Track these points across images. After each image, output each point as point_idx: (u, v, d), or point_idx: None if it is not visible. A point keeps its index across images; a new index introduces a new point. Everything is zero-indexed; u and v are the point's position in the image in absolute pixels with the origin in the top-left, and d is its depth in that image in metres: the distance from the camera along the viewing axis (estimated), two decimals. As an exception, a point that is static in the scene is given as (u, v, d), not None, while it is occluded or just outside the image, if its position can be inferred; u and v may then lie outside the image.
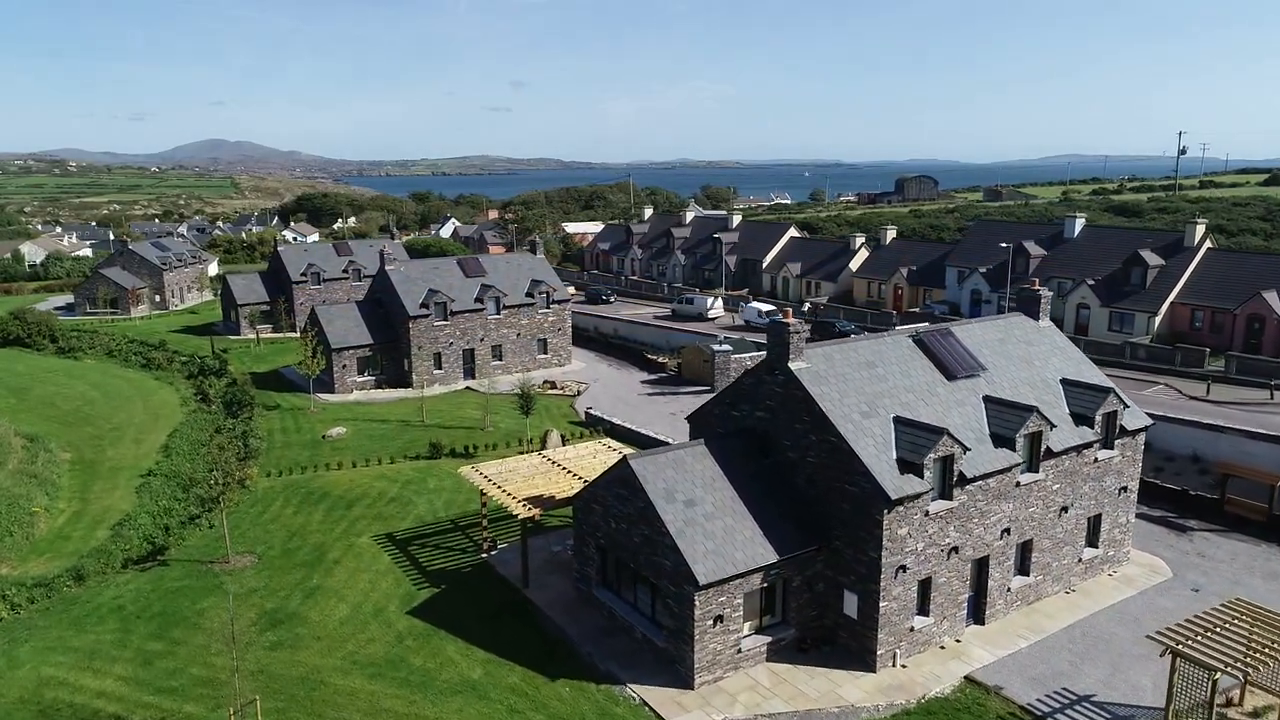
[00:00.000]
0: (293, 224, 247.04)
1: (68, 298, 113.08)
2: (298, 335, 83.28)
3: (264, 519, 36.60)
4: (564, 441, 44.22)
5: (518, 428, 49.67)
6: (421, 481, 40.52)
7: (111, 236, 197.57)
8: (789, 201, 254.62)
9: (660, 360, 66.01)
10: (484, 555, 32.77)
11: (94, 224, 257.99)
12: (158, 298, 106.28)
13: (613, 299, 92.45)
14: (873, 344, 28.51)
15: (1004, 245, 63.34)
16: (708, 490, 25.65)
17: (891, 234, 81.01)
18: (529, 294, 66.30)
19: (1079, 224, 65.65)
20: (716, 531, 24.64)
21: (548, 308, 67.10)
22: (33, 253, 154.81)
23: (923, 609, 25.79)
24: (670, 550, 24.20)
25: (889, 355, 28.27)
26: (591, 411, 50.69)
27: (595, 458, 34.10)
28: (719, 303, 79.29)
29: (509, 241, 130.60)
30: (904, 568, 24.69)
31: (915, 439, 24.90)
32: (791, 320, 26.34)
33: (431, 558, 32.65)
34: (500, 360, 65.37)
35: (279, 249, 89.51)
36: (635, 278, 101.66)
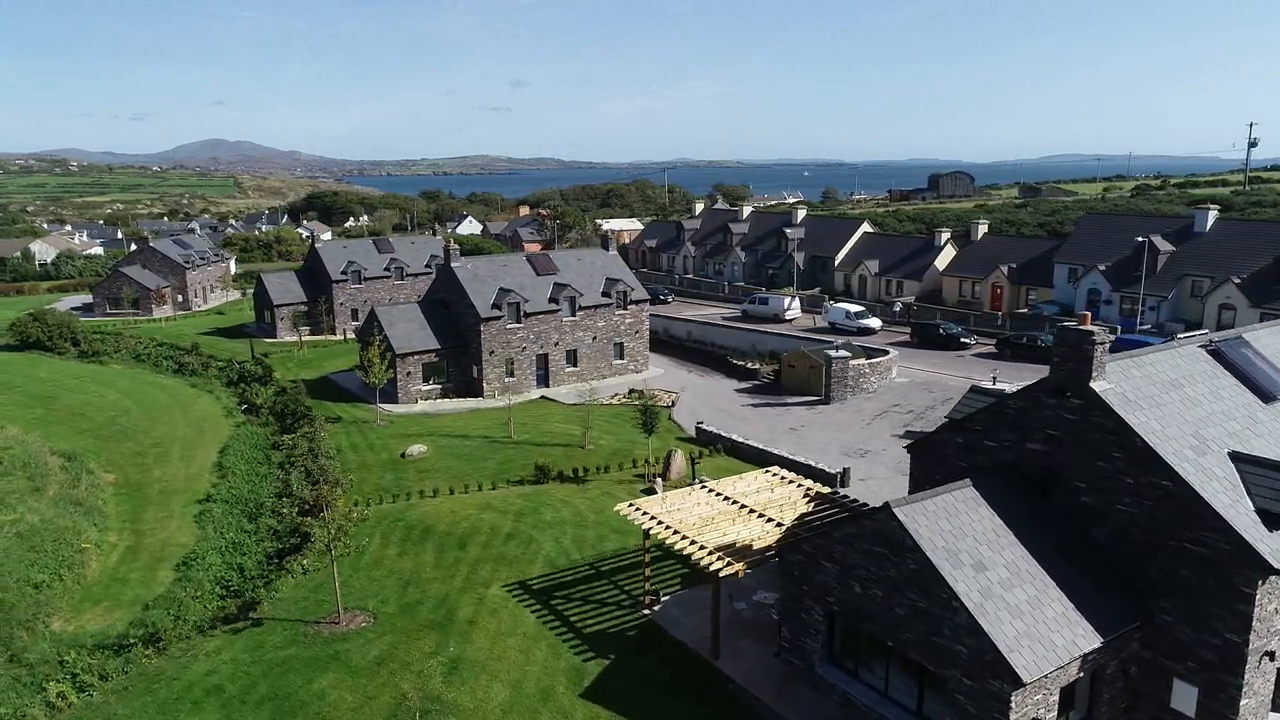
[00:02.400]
0: (304, 222, 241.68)
1: (84, 297, 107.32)
2: (341, 338, 77.60)
3: (365, 563, 30.71)
4: (692, 466, 38.33)
5: (622, 445, 43.82)
6: (535, 513, 34.64)
7: (120, 235, 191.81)
8: (801, 199, 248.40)
9: (750, 366, 60.13)
10: (646, 611, 26.93)
11: (100, 223, 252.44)
12: (179, 298, 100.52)
13: (671, 299, 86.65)
14: (1169, 357, 22.64)
15: (1139, 239, 57.51)
16: (993, 548, 19.81)
17: (983, 229, 75.12)
18: (605, 293, 60.46)
19: (1211, 217, 59.78)
20: (1020, 605, 18.80)
21: (625, 309, 61.25)
22: (43, 251, 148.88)
23: (1276, 703, 19.97)
24: (967, 632, 18.36)
25: (1191, 372, 22.41)
26: (704, 427, 44.81)
27: (773, 492, 28.24)
28: (796, 303, 73.51)
29: (547, 238, 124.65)
30: (1271, 654, 18.86)
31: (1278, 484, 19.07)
32: (1093, 327, 20.46)
33: (583, 615, 26.79)
34: (575, 366, 59.51)
35: (316, 245, 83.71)
36: (690, 276, 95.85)
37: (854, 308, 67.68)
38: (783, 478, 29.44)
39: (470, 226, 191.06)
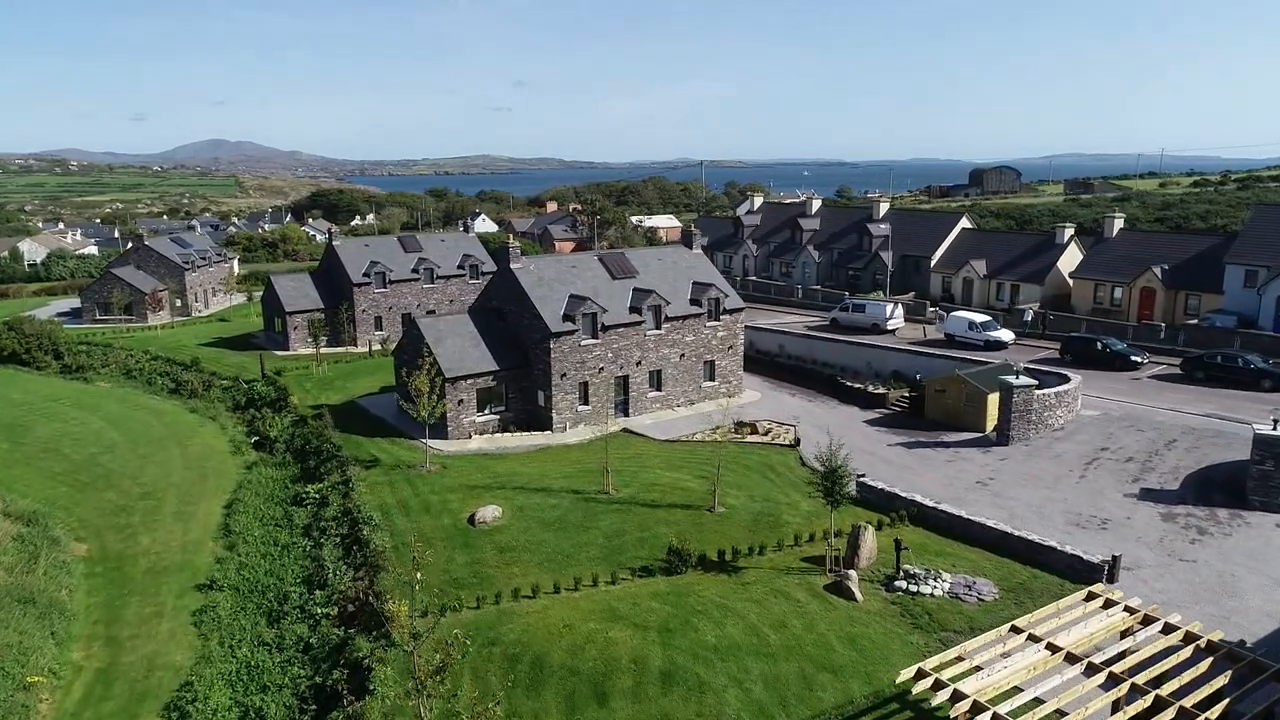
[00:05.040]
0: (310, 221, 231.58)
1: (73, 301, 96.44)
2: (366, 351, 66.77)
3: (458, 731, 19.82)
4: (897, 552, 27.32)
5: (761, 507, 32.95)
6: (689, 629, 23.79)
7: (117, 234, 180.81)
8: (816, 198, 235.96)
9: (872, 390, 49.26)
10: None
11: (98, 221, 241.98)
12: (178, 302, 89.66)
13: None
14: None
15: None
16: None
17: (1118, 224, 64.12)
18: (694, 300, 49.63)
19: None
20: None
21: (717, 319, 50.39)
22: (32, 251, 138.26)
23: None
24: None
25: None
26: (868, 481, 33.90)
27: (1135, 641, 17.42)
28: (900, 310, 62.54)
29: (582, 236, 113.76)
30: None
31: None
32: None
33: None
34: (659, 390, 48.63)
35: (335, 244, 72.75)
36: (753, 278, 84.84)
37: (979, 317, 56.70)
38: (1129, 609, 18.52)
39: (484, 225, 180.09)
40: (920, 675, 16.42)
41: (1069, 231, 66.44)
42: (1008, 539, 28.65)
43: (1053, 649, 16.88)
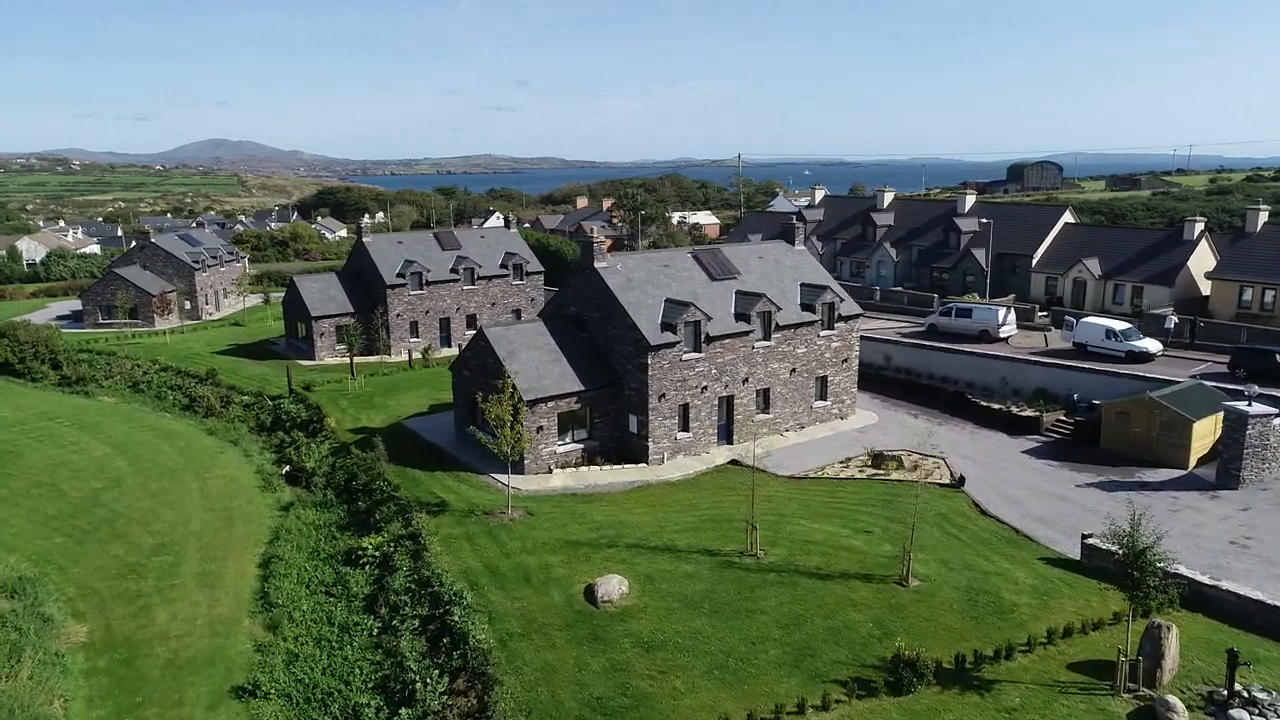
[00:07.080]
0: (319, 219, 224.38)
1: (73, 303, 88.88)
2: (405, 360, 59.05)
3: None
4: (1232, 667, 19.61)
5: (964, 579, 25.26)
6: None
7: (120, 233, 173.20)
8: (827, 194, 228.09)
9: (1018, 411, 41.65)
10: None
11: (100, 220, 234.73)
12: (187, 304, 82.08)
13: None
14: None
15: None
16: None
17: (1262, 217, 56.36)
18: (805, 305, 42.06)
19: None
20: None
21: (830, 328, 42.81)
22: (31, 250, 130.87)
23: None
24: None
25: None
26: (1096, 543, 26.19)
27: None
28: (1012, 315, 54.86)
29: (622, 234, 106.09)
30: None
31: None
32: None
33: None
34: (768, 411, 41.01)
35: (365, 241, 65.04)
36: (821, 279, 77.14)
37: (1118, 324, 48.95)
38: None
39: (496, 223, 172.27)
40: None
41: (1199, 226, 58.74)
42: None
43: None
